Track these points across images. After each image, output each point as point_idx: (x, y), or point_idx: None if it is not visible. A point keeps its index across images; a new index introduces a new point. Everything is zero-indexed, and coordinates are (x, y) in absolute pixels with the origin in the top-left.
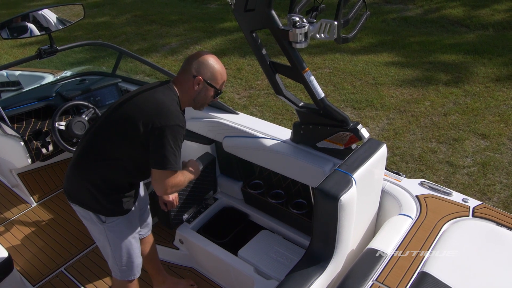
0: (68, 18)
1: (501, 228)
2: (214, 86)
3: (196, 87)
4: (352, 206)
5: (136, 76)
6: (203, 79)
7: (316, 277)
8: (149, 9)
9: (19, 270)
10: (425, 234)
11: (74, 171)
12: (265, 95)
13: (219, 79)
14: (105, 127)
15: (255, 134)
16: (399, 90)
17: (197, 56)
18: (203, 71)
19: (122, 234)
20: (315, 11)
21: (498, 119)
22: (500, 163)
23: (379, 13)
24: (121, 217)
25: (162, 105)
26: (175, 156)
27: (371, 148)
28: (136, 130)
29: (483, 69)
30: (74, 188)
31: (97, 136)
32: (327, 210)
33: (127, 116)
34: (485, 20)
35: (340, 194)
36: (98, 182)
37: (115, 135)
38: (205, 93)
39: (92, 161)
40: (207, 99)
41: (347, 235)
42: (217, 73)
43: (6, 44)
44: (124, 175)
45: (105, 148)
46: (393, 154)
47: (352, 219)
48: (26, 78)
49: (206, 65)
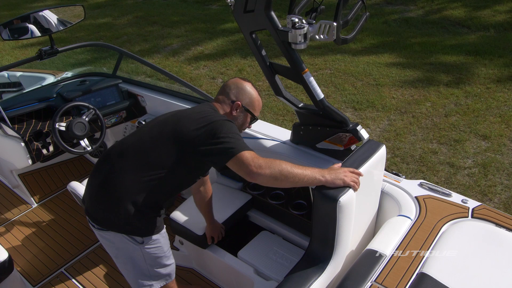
0: (69, 19)
1: (500, 229)
2: (251, 113)
3: (235, 112)
4: (351, 207)
5: (138, 77)
6: (241, 105)
7: (315, 278)
8: (151, 10)
9: (20, 270)
10: (424, 235)
11: (105, 191)
12: (266, 96)
13: (256, 106)
14: (148, 147)
15: (255, 135)
16: (400, 91)
17: (236, 82)
18: (242, 97)
19: (161, 249)
20: (314, 12)
21: (499, 120)
22: (501, 164)
23: (380, 14)
24: (158, 234)
25: (204, 111)
26: (235, 139)
27: (371, 149)
28: (184, 137)
29: (484, 70)
30: (102, 213)
31: (136, 155)
32: (326, 211)
33: (173, 129)
34: (486, 21)
35: (339, 196)
36: (135, 202)
37: (162, 147)
38: (242, 118)
39: (141, 182)
40: (244, 124)
41: (346, 236)
42: (255, 100)
43: (8, 45)
44: (166, 192)
45: (149, 168)
46: (394, 155)
47: (351, 220)
48: (27, 79)
49: (245, 91)
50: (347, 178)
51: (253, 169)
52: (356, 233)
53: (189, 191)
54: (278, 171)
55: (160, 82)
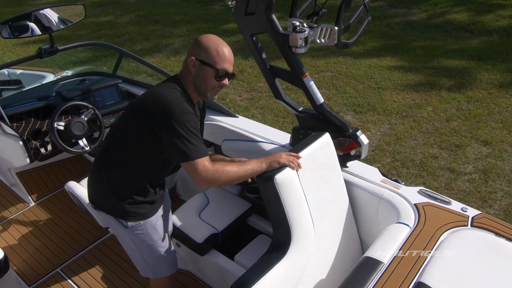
0: (70, 18)
1: (500, 239)
2: (210, 64)
3: (192, 70)
4: (291, 185)
5: (138, 77)
6: (195, 58)
7: (277, 262)
8: (153, 9)
9: (15, 270)
10: (423, 244)
11: (93, 176)
12: (267, 98)
13: (214, 55)
14: (118, 129)
15: (254, 138)
16: (401, 95)
17: (195, 39)
18: (196, 50)
19: (148, 237)
20: (316, 15)
21: (500, 125)
22: (502, 171)
23: (383, 17)
24: (144, 221)
25: (160, 98)
26: (190, 144)
27: (314, 136)
28: (142, 128)
29: (487, 75)
30: (94, 194)
31: (111, 138)
32: (270, 194)
33: (134, 116)
34: (490, 26)
35: (275, 174)
36: (116, 185)
37: (126, 136)
38: (203, 74)
39: (109, 164)
40: (207, 81)
41: (299, 216)
42: (211, 49)
43: (10, 42)
44: (142, 176)
45: (119, 149)
46: (394, 159)
47: (298, 199)
48: (27, 77)
49: (200, 43)
50: (282, 159)
51: (201, 182)
52: (319, 217)
53: (187, 193)
54: (224, 180)
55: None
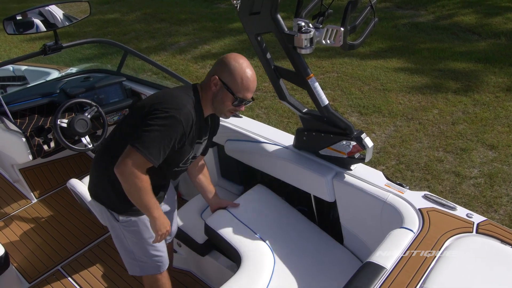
0: (75, 15)
1: (505, 247)
2: (231, 90)
3: (213, 88)
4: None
5: (143, 74)
6: (218, 78)
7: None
8: (159, 7)
9: (16, 266)
10: (427, 249)
11: (93, 167)
12: (272, 98)
13: (238, 83)
14: (123, 123)
15: (258, 139)
16: (407, 97)
17: (223, 56)
18: (222, 72)
19: (138, 234)
20: (321, 16)
21: (507, 129)
22: (508, 175)
23: (390, 18)
24: (136, 218)
25: (167, 94)
26: (153, 142)
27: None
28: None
29: (494, 78)
30: (92, 184)
31: (116, 133)
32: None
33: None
34: (498, 29)
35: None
36: (113, 178)
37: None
38: (221, 96)
39: (111, 159)
40: (224, 103)
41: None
42: (236, 76)
43: (16, 38)
44: None
45: (121, 146)
46: (399, 162)
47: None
48: (32, 73)
49: (228, 65)
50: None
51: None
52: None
53: (190, 193)
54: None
55: (165, 80)
